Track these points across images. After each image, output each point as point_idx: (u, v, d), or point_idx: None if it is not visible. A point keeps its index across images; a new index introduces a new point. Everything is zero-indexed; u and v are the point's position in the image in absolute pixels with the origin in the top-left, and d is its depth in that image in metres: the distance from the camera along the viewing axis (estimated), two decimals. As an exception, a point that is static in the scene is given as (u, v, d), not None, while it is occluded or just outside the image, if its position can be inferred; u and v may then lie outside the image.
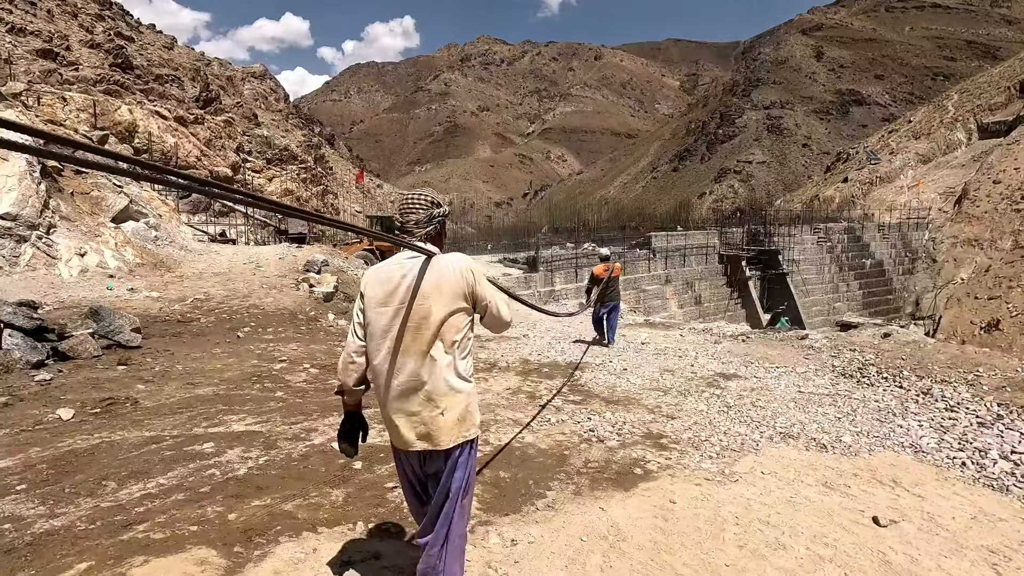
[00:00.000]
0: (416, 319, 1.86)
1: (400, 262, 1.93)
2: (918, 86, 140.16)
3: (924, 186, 48.34)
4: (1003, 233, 37.90)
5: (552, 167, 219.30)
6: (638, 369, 6.40)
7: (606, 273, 8.27)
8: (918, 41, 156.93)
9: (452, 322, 1.88)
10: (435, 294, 1.86)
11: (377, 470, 3.36)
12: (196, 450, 3.50)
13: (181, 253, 14.02)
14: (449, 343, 1.88)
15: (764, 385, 5.68)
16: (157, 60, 38.48)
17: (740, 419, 4.60)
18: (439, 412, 1.87)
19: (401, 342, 1.86)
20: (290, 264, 13.25)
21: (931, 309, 36.63)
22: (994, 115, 56.58)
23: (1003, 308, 32.97)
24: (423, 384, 1.86)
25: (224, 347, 6.59)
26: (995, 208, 40.13)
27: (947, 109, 65.53)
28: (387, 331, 1.88)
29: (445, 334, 1.88)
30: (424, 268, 1.88)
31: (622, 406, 4.93)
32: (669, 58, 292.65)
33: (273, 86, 66.95)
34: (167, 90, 35.04)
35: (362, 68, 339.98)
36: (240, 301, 9.57)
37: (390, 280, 1.90)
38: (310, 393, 4.89)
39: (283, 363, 5.79)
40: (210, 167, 29.98)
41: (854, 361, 6.40)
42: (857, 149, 73.20)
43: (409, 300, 1.86)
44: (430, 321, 1.86)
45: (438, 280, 1.88)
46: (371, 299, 1.92)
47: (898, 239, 39.22)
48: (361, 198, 58.29)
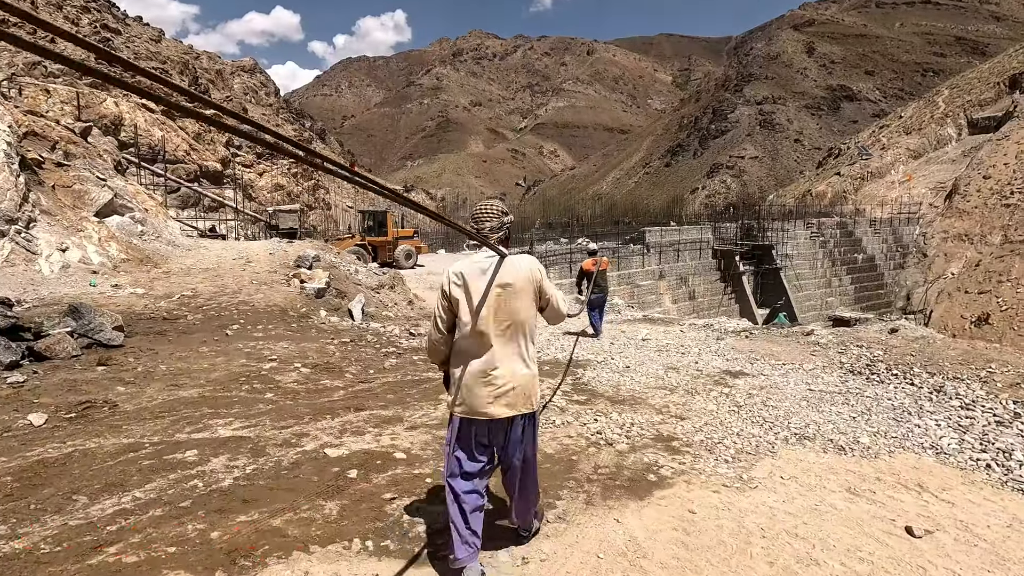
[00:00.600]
0: (493, 310, 2.19)
1: (479, 261, 2.27)
2: (908, 82, 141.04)
3: (915, 181, 48.58)
4: (993, 228, 38.15)
5: (544, 162, 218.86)
6: (641, 367, 6.20)
7: (594, 267, 8.61)
8: (908, 37, 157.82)
9: (523, 313, 2.24)
10: (510, 289, 2.21)
11: (374, 479, 3.12)
12: (178, 459, 3.25)
13: (168, 248, 13.66)
14: (520, 331, 2.25)
15: (773, 383, 5.50)
16: (145, 53, 37.79)
17: (752, 419, 4.41)
18: (511, 388, 2.21)
19: (483, 330, 2.20)
20: (281, 260, 12.94)
21: (922, 303, 36.85)
22: (984, 111, 56.96)
23: (993, 302, 33.18)
24: (498, 365, 2.20)
25: (211, 346, 6.31)
26: (985, 203, 40.37)
27: (937, 105, 65.91)
28: (468, 321, 2.21)
29: (518, 323, 2.23)
30: (499, 266, 2.20)
31: (628, 406, 4.73)
32: (661, 53, 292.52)
33: (263, 80, 66.12)
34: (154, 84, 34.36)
35: (353, 62, 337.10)
36: (229, 298, 9.27)
37: (471, 277, 2.23)
38: (301, 395, 4.64)
39: (273, 362, 5.54)
40: (199, 161, 29.46)
41: (862, 357, 6.25)
42: (848, 144, 73.57)
43: (487, 294, 2.19)
44: (505, 312, 2.20)
45: (512, 277, 2.23)
46: (455, 294, 2.25)
47: (889, 234, 39.40)
48: (353, 193, 57.74)
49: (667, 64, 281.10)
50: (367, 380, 5.19)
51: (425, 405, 4.53)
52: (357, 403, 4.43)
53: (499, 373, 2.20)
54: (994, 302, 31.98)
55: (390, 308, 12.23)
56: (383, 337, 7.49)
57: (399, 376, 5.41)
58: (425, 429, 3.97)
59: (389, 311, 11.92)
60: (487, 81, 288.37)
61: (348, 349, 6.47)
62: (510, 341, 2.23)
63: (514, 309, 2.22)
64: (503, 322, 2.21)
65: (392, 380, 5.25)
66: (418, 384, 5.18)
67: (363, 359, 6.01)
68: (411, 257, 21.66)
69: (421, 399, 4.69)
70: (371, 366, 5.73)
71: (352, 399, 4.57)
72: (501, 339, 2.22)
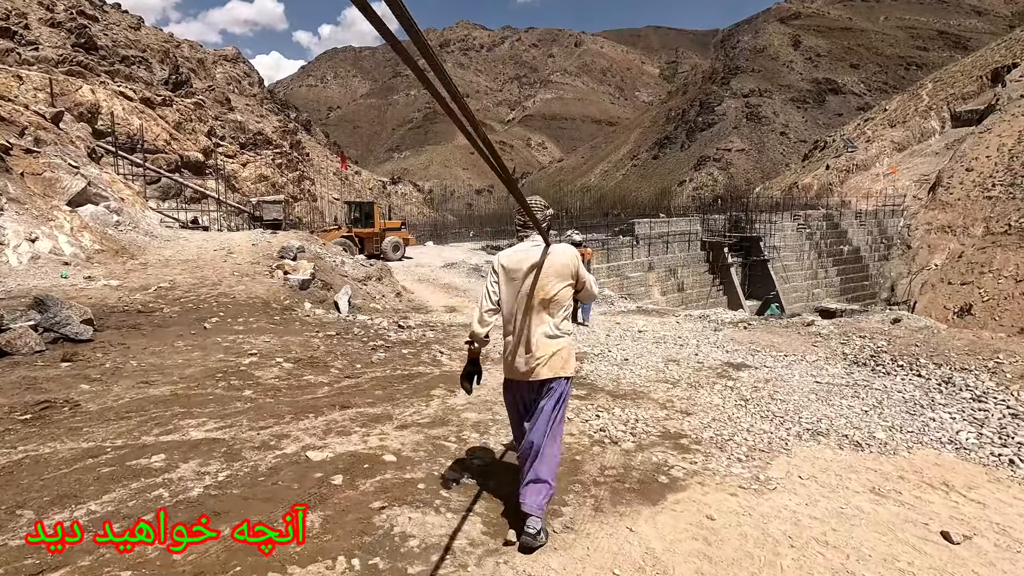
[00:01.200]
0: (536, 290, 2.56)
1: (526, 248, 2.65)
2: (892, 75, 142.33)
3: (899, 173, 49.04)
4: (975, 220, 38.60)
5: (532, 154, 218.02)
6: (640, 359, 5.97)
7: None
8: (892, 31, 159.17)
9: (561, 293, 2.60)
10: (550, 273, 2.57)
11: (361, 485, 2.84)
12: (142, 465, 2.93)
13: (146, 239, 13.16)
14: (557, 307, 2.61)
15: (778, 375, 5.30)
16: (123, 41, 36.66)
17: (761, 414, 4.19)
18: (549, 354, 2.56)
19: (525, 305, 2.57)
20: (264, 250, 12.50)
21: (906, 295, 37.28)
22: (967, 104, 57.58)
23: (975, 293, 33.60)
24: (537, 335, 2.56)
25: (188, 339, 5.95)
26: (967, 195, 40.82)
27: (921, 98, 66.54)
28: (514, 298, 2.61)
29: (555, 301, 2.59)
30: (544, 254, 2.55)
31: (631, 400, 4.48)
32: (649, 45, 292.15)
33: (247, 70, 64.75)
34: (134, 72, 33.44)
35: (339, 53, 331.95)
36: (209, 289, 8.87)
37: (519, 261, 2.62)
38: (282, 391, 4.32)
39: (253, 357, 5.20)
40: (180, 151, 28.65)
41: (865, 348, 6.07)
42: (834, 137, 74.10)
43: (533, 276, 2.55)
44: (546, 291, 2.56)
45: (553, 263, 2.57)
46: (503, 275, 2.65)
47: (874, 226, 39.76)
48: (339, 184, 56.89)
49: (654, 56, 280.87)
50: (354, 375, 4.89)
51: (416, 401, 4.24)
52: (343, 400, 4.13)
53: (536, 343, 2.57)
54: (976, 293, 32.40)
55: (378, 300, 11.89)
56: (371, 330, 7.18)
57: (388, 371, 5.11)
58: (416, 428, 3.69)
59: (377, 303, 11.58)
60: (474, 72, 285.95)
61: (333, 343, 6.15)
62: (550, 316, 2.60)
63: (554, 289, 2.58)
64: (544, 300, 2.57)
65: (380, 375, 4.95)
66: (408, 379, 4.89)
67: (349, 353, 5.69)
68: (399, 249, 21.26)
69: (412, 395, 4.41)
70: (358, 360, 5.43)
71: (337, 396, 4.27)
72: (541, 315, 2.58)
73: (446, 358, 5.78)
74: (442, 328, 7.91)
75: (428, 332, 7.27)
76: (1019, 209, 36.42)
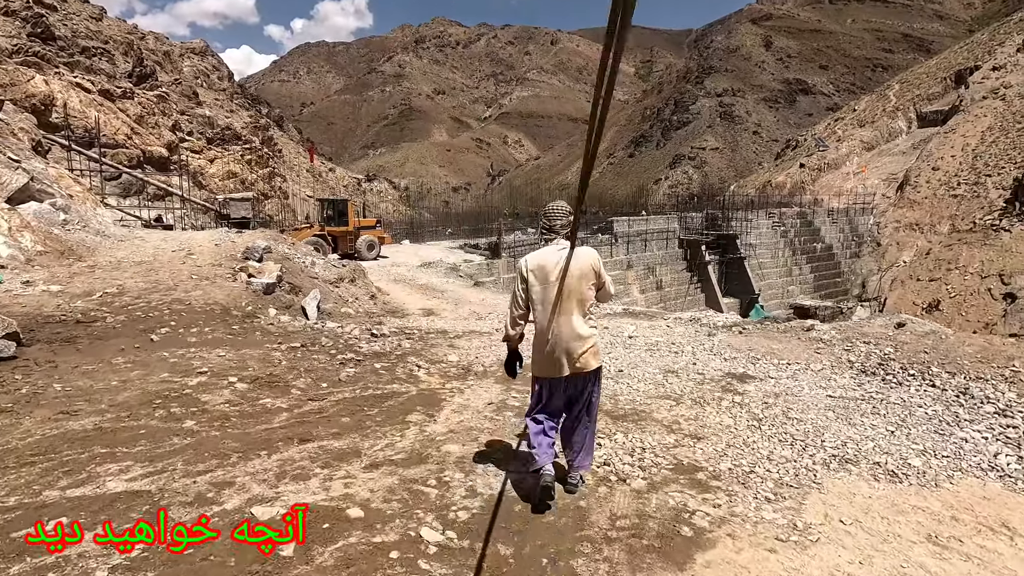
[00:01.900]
0: (565, 290, 2.72)
1: (554, 252, 2.88)
2: (859, 76, 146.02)
3: (868, 172, 50.04)
4: (941, 218, 39.55)
5: (509, 152, 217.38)
6: (635, 370, 5.49)
7: None
8: (859, 33, 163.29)
9: (586, 293, 2.87)
10: (577, 275, 2.78)
11: (318, 556, 2.25)
12: (30, 536, 2.30)
13: (97, 239, 12.19)
14: (584, 307, 2.88)
15: (786, 388, 4.87)
16: (84, 32, 34.88)
17: (779, 437, 3.74)
18: (585, 350, 2.84)
19: (555, 306, 2.76)
20: (227, 251, 11.66)
21: (877, 291, 38.00)
22: (932, 104, 59.17)
23: (943, 289, 34.36)
24: (568, 333, 2.81)
25: (130, 355, 5.24)
26: (934, 194, 41.81)
27: (889, 98, 68.25)
28: (544, 298, 2.83)
29: (582, 301, 2.86)
30: (570, 257, 2.46)
31: (633, 423, 3.99)
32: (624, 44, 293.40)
33: (216, 63, 62.71)
34: (95, 64, 31.82)
35: (312, 48, 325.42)
36: (162, 295, 8.09)
37: (547, 264, 2.84)
38: (232, 421, 3.69)
39: (202, 376, 4.54)
40: (142, 146, 27.26)
41: (871, 355, 5.71)
42: (805, 136, 75.51)
43: (561, 278, 2.64)
44: (575, 291, 2.81)
45: (579, 264, 2.80)
46: (533, 278, 2.86)
47: (846, 223, 40.45)
48: (312, 181, 55.44)
49: (629, 55, 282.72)
50: (318, 397, 4.28)
51: (389, 431, 3.65)
52: (303, 431, 3.52)
53: (572, 341, 2.79)
54: (943, 289, 33.15)
55: (350, 303, 11.21)
56: (340, 340, 6.54)
57: (357, 390, 4.51)
58: (389, 468, 3.11)
59: (349, 306, 10.91)
60: (450, 69, 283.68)
61: (297, 356, 5.51)
62: (575, 313, 2.81)
63: (579, 289, 2.80)
64: (570, 299, 2.78)
65: (349, 396, 4.35)
66: (380, 400, 4.30)
67: (315, 368, 5.07)
68: (374, 248, 20.50)
69: (384, 421, 3.82)
70: (324, 378, 4.81)
71: (297, 425, 3.66)
72: (573, 313, 2.80)
73: (424, 372, 5.20)
74: (419, 336, 7.32)
75: (404, 341, 6.67)
76: (983, 207, 37.42)
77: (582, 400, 2.95)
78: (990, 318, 29.51)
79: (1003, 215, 35.09)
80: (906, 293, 36.35)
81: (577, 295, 2.80)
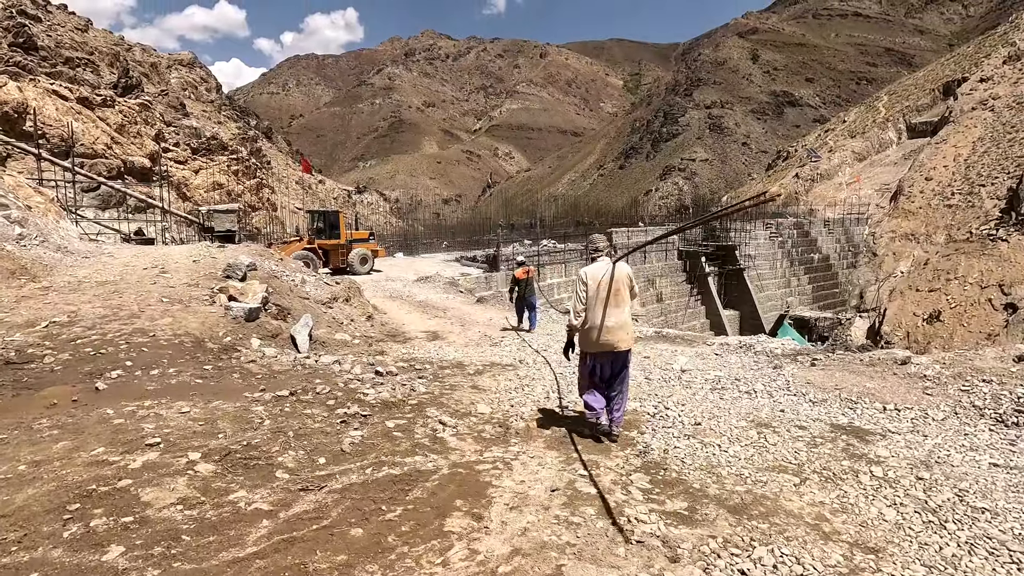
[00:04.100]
0: (613, 292, 4.10)
1: (600, 267, 4.20)
2: (844, 89, 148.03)
3: (862, 182, 50.01)
4: (937, 227, 39.29)
5: (500, 164, 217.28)
6: (716, 423, 4.34)
7: (525, 275, 10.46)
8: (843, 47, 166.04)
9: (626, 295, 4.20)
10: (620, 281, 4.14)
11: None
12: None
13: (57, 256, 10.84)
14: (627, 303, 4.21)
15: (929, 452, 3.75)
16: (68, 42, 33.71)
17: (986, 548, 2.60)
18: (626, 333, 4.17)
19: (607, 303, 4.10)
20: (207, 268, 10.35)
21: (875, 301, 37.47)
22: (921, 115, 59.64)
23: (943, 300, 33.84)
24: (617, 321, 4.12)
25: (62, 413, 4.00)
26: (928, 204, 41.64)
27: (878, 110, 68.84)
28: (598, 298, 4.11)
29: (625, 299, 4.19)
30: (614, 269, 4.09)
31: (762, 519, 2.83)
32: (612, 57, 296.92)
33: (204, 75, 61.65)
34: (79, 74, 30.68)
35: (301, 60, 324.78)
36: (121, 324, 6.80)
37: (598, 274, 4.15)
38: (182, 543, 2.43)
39: (153, 451, 3.32)
40: (123, 156, 25.90)
41: (1001, 399, 4.63)
42: (796, 147, 75.84)
43: (609, 283, 4.09)
44: (620, 292, 4.14)
45: (619, 275, 4.14)
46: (590, 284, 4.15)
47: (841, 234, 40.20)
48: (302, 193, 54.14)
49: (618, 68, 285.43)
50: (313, 484, 3.07)
51: (423, 556, 2.43)
52: (292, 561, 2.32)
53: (613, 324, 4.11)
54: (944, 300, 32.60)
55: (346, 327, 9.96)
56: (339, 382, 5.32)
57: (368, 470, 3.30)
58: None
59: (345, 331, 9.66)
60: (440, 82, 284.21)
61: (286, 410, 4.28)
62: (620, 308, 4.16)
63: (620, 291, 4.16)
64: (615, 297, 4.13)
65: (357, 480, 3.14)
66: (402, 489, 3.07)
67: (308, 432, 3.85)
68: (367, 262, 19.25)
69: (413, 534, 2.60)
70: (321, 448, 3.59)
71: (283, 546, 2.44)
72: (620, 307, 4.16)
73: (451, 433, 4.00)
74: (433, 373, 6.11)
75: (417, 382, 5.46)
76: (978, 217, 37.14)
77: (622, 374, 4.24)
78: (992, 328, 28.96)
79: (999, 225, 34.78)
80: (906, 304, 35.80)
81: (622, 295, 4.15)
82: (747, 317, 30.05)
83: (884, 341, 30.11)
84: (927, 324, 31.85)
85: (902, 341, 30.40)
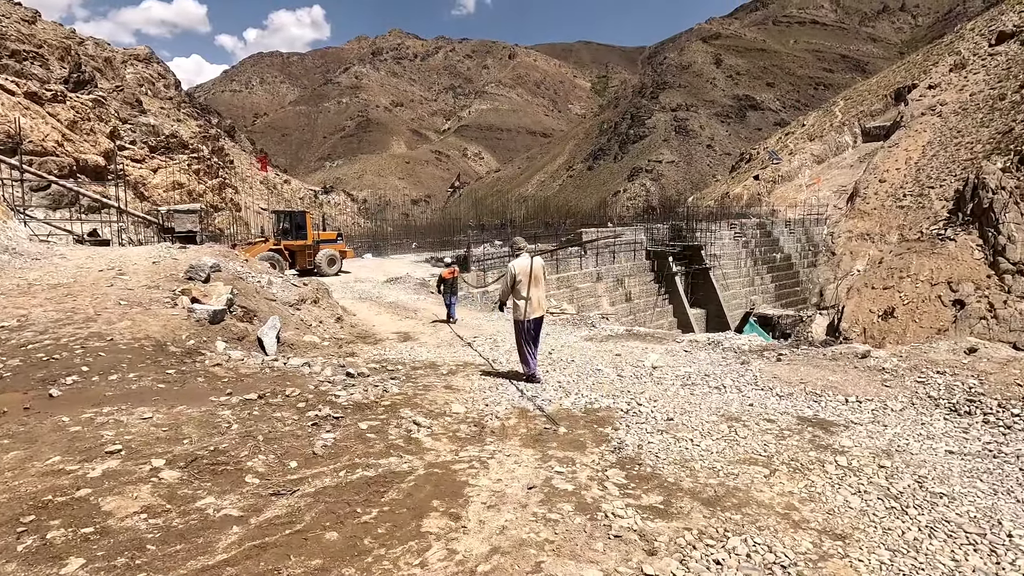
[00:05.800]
0: (534, 278, 5.89)
1: (525, 260, 5.96)
2: (803, 94, 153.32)
3: (821, 184, 51.82)
4: (890, 228, 41.05)
5: (469, 164, 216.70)
6: (688, 418, 4.42)
7: (451, 275, 11.65)
8: (802, 53, 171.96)
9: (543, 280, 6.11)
10: (538, 271, 5.99)
11: None
12: None
13: (4, 258, 10.32)
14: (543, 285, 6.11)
15: (888, 441, 3.90)
16: (14, 35, 32.00)
17: (944, 531, 2.71)
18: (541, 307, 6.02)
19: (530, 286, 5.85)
20: (168, 270, 9.97)
21: (834, 299, 38.91)
22: (875, 120, 62.15)
23: (896, 297, 35.32)
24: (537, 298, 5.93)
25: (12, 422, 3.78)
26: (882, 205, 43.47)
27: (835, 114, 71.40)
28: (524, 282, 5.85)
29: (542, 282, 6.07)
30: (533, 261, 5.95)
31: (735, 511, 2.89)
32: (580, 60, 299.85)
33: (162, 71, 59.50)
34: (26, 68, 29.15)
35: (265, 58, 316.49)
36: (76, 328, 6.49)
37: (525, 265, 5.89)
38: (147, 553, 2.34)
39: (113, 459, 3.17)
40: (75, 154, 24.73)
41: (954, 389, 4.86)
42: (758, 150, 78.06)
43: (530, 272, 5.86)
44: (539, 278, 5.98)
45: (536, 265, 5.95)
46: (519, 273, 5.87)
47: (802, 234, 41.53)
48: (267, 193, 52.79)
49: (586, 71, 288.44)
50: (285, 488, 2.98)
51: (401, 558, 2.40)
52: (264, 567, 2.25)
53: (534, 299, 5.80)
54: (897, 297, 34.10)
55: (314, 329, 9.75)
56: (309, 384, 5.20)
57: (342, 472, 3.23)
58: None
59: (314, 333, 9.45)
60: (408, 81, 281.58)
61: (254, 414, 4.16)
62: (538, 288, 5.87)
63: (539, 277, 5.91)
64: (535, 281, 5.83)
65: (331, 483, 3.07)
66: (377, 490, 3.02)
67: (278, 435, 3.75)
68: (335, 263, 18.91)
69: (390, 535, 2.56)
70: (292, 452, 3.50)
71: (253, 553, 2.37)
72: (539, 287, 5.90)
73: (425, 433, 3.95)
74: (405, 373, 6.04)
75: (390, 383, 5.38)
76: (928, 218, 39.00)
77: (539, 333, 6.04)
78: (942, 324, 30.37)
79: (947, 225, 36.55)
80: (862, 301, 37.20)
81: (541, 280, 5.97)
82: (713, 315, 30.78)
83: (843, 337, 31.22)
84: (882, 320, 33.20)
85: (859, 337, 31.56)
